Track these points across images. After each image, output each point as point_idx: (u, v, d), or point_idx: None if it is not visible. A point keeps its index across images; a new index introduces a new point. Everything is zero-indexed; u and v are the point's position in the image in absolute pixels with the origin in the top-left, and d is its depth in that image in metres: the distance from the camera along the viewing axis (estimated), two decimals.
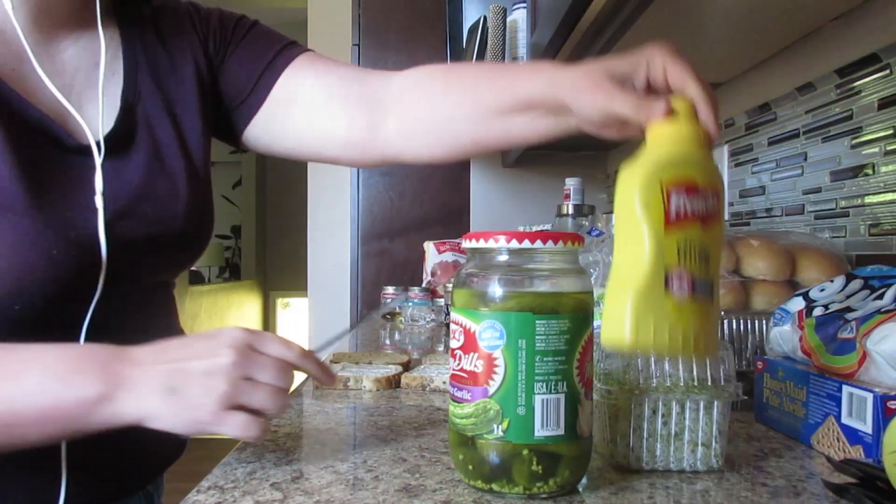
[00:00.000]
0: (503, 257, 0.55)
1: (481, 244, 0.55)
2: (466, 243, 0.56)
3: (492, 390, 0.53)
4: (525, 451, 0.52)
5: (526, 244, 0.53)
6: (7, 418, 0.52)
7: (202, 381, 0.53)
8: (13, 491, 0.63)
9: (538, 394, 0.52)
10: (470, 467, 0.54)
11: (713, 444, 0.58)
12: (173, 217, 0.71)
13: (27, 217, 0.59)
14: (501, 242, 0.54)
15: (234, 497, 0.53)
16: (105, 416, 0.53)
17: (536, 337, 0.52)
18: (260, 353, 0.55)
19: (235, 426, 0.53)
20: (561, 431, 0.52)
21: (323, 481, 0.56)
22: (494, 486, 0.53)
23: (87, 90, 0.70)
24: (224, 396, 0.53)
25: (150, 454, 0.75)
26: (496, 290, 0.54)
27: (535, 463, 0.52)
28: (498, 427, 0.52)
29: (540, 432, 0.52)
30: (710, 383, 0.58)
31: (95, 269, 0.64)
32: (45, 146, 0.64)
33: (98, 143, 0.67)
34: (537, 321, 0.52)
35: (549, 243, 0.53)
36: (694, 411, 0.58)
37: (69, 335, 0.63)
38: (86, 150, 0.66)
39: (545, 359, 0.52)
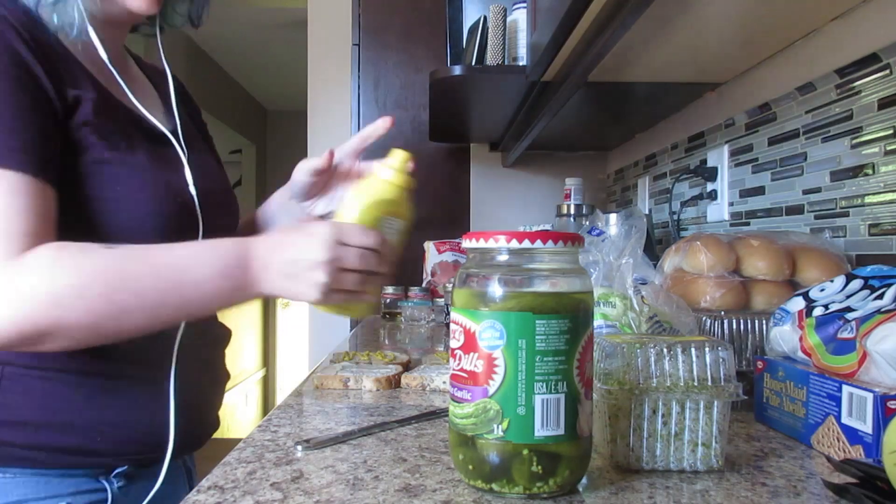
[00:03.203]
0: (503, 257, 0.55)
1: (481, 244, 0.55)
2: (466, 243, 0.56)
3: (492, 390, 0.52)
4: (525, 451, 0.52)
5: (526, 244, 0.53)
6: (184, 300, 0.69)
7: (307, 275, 0.69)
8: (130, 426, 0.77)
9: (538, 394, 0.52)
10: (470, 467, 0.54)
11: (713, 443, 0.58)
12: (225, 193, 0.92)
13: (139, 175, 0.77)
14: (501, 242, 0.54)
15: (234, 497, 0.53)
16: (248, 296, 0.71)
17: (537, 337, 0.52)
18: (347, 246, 0.70)
19: (333, 301, 0.71)
20: (561, 431, 0.52)
21: (323, 481, 0.56)
22: (494, 486, 0.53)
23: (152, 103, 0.89)
24: (324, 286, 0.69)
25: (206, 420, 0.89)
26: (496, 289, 0.54)
27: (535, 463, 0.52)
28: (498, 427, 0.52)
29: (540, 432, 0.52)
30: (710, 383, 0.58)
31: (196, 226, 0.83)
32: (141, 133, 0.81)
33: (181, 144, 0.86)
34: (537, 321, 0.52)
35: (549, 243, 0.53)
36: (694, 411, 0.58)
37: None
38: (167, 142, 0.85)
39: (545, 359, 0.52)
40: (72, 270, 0.64)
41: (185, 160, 0.84)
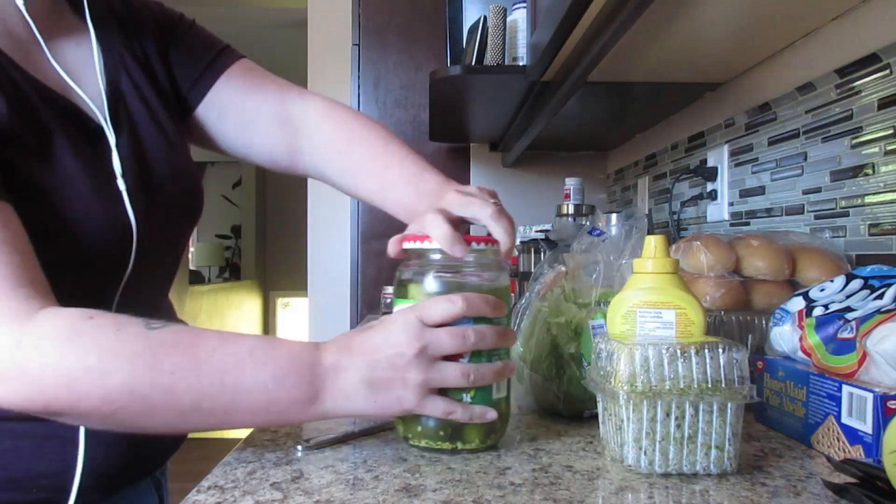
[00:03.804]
0: (436, 256, 0.64)
1: (417, 245, 0.64)
2: (408, 245, 0.65)
3: None
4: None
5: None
6: (226, 407, 0.55)
7: (395, 375, 0.57)
8: (28, 466, 0.64)
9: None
10: (441, 433, 0.63)
11: (727, 446, 0.58)
12: (172, 184, 0.75)
13: (71, 193, 0.63)
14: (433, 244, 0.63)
15: (234, 497, 0.53)
16: (317, 414, 0.57)
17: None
18: (434, 332, 0.58)
19: (436, 411, 0.60)
20: (504, 394, 0.65)
21: (323, 481, 0.56)
22: (458, 445, 0.63)
23: (79, 75, 0.71)
24: (418, 386, 0.58)
25: (159, 441, 0.76)
26: (435, 283, 0.64)
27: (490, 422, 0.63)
28: (467, 395, 0.62)
29: (495, 395, 0.64)
30: (723, 385, 0.57)
31: (128, 243, 0.68)
32: (68, 128, 0.66)
33: (109, 127, 0.70)
34: None
35: (473, 244, 0.63)
36: (707, 413, 0.57)
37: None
38: (97, 132, 0.69)
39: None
40: (91, 351, 0.53)
41: (114, 148, 0.68)
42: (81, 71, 0.71)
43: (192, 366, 0.54)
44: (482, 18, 1.49)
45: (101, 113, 0.70)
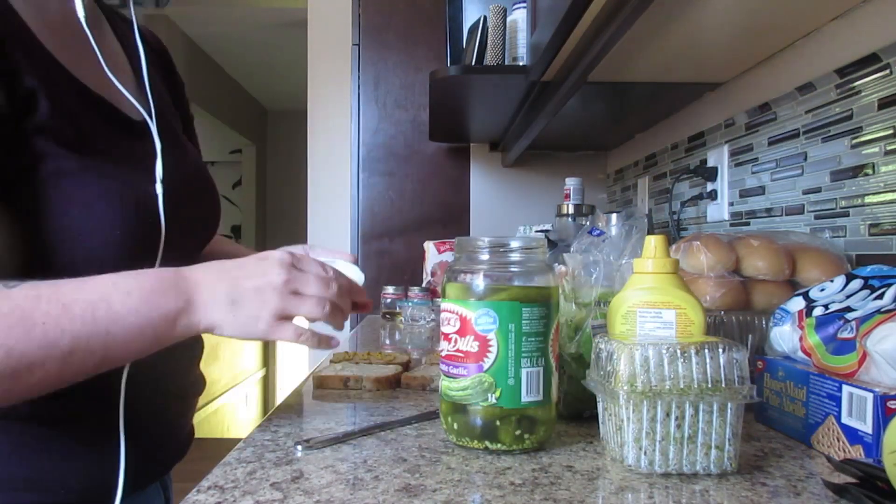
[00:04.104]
0: (486, 256, 0.65)
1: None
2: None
3: (486, 366, 0.63)
4: (513, 415, 0.63)
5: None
6: (104, 341, 0.56)
7: (257, 297, 0.62)
8: (57, 467, 0.65)
9: (524, 367, 0.63)
10: (457, 428, 0.65)
11: (727, 446, 0.58)
12: (204, 192, 0.81)
13: (103, 188, 0.64)
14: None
15: (234, 497, 0.53)
16: (183, 328, 0.60)
17: (523, 322, 0.63)
18: (303, 272, 0.65)
19: (287, 334, 0.63)
20: (540, 398, 0.64)
21: (323, 481, 0.56)
22: (488, 444, 0.63)
23: (121, 78, 0.74)
24: (276, 309, 0.62)
25: (170, 444, 0.80)
26: (488, 283, 0.64)
27: (519, 424, 0.63)
28: (492, 396, 0.63)
29: (525, 398, 0.63)
30: (724, 385, 0.57)
31: (156, 245, 0.69)
32: (110, 126, 0.69)
33: (157, 133, 0.72)
34: (523, 308, 0.63)
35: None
36: (707, 413, 0.57)
37: None
38: (140, 133, 0.72)
39: (529, 339, 0.63)
40: None
41: (159, 153, 0.70)
42: (126, 76, 0.75)
43: (60, 310, 0.54)
44: (482, 18, 1.49)
45: (148, 117, 0.73)
